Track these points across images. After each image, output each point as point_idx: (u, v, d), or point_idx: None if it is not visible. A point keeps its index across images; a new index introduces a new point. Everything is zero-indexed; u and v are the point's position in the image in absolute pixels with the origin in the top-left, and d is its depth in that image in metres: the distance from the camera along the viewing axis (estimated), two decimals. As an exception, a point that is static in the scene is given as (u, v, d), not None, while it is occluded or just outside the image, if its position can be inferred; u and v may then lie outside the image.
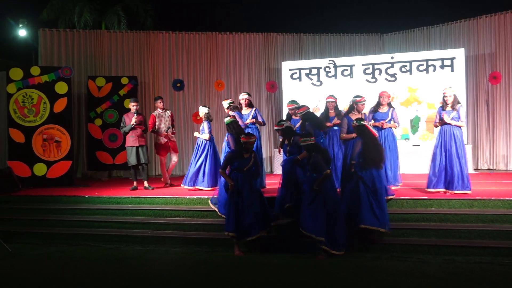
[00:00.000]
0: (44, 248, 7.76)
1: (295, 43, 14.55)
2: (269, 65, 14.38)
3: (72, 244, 7.96)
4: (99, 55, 13.69)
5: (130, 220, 8.46)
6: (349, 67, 12.92)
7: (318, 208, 6.58)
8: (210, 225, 7.99)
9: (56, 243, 8.04)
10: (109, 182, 12.03)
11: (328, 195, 6.64)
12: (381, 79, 12.69)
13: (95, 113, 12.68)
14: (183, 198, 8.72)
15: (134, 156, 9.85)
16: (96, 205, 9.00)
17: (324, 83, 13.05)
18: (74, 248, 7.78)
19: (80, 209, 8.96)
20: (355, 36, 14.75)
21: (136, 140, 9.86)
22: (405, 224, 7.33)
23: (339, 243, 6.58)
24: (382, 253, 6.80)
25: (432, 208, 7.51)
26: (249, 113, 9.62)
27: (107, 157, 12.61)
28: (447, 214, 7.34)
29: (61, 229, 8.50)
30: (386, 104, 8.87)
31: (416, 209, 7.57)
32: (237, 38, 14.35)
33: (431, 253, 6.71)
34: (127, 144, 9.95)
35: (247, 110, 9.67)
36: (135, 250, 7.52)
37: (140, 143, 9.89)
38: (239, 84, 14.26)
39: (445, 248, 6.75)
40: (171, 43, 14.08)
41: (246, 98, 9.73)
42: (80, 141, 13.40)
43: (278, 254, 6.95)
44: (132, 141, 9.88)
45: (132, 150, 9.87)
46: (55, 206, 9.18)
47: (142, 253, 7.34)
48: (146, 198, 8.91)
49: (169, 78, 14.04)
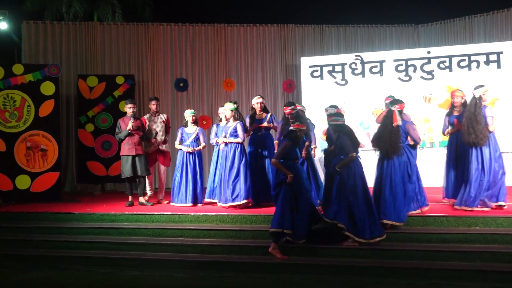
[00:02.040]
0: (27, 273, 7.72)
1: (316, 36, 14.55)
2: (286, 62, 14.39)
3: (59, 268, 7.93)
4: (91, 51, 13.75)
5: (126, 240, 8.46)
6: (378, 63, 12.91)
7: (339, 194, 7.34)
8: (218, 247, 7.96)
9: (40, 267, 8.00)
10: (102, 197, 12.06)
11: (345, 179, 7.28)
12: (416, 77, 12.64)
13: (86, 117, 12.74)
14: (187, 215, 8.76)
15: (129, 166, 9.87)
16: (87, 223, 9.03)
17: (349, 81, 13.04)
18: (61, 273, 7.73)
19: (69, 228, 8.97)
20: (385, 28, 14.73)
21: (132, 148, 9.88)
22: (445, 246, 7.27)
23: (360, 230, 7.19)
24: (418, 279, 6.73)
25: (476, 227, 7.46)
26: (264, 118, 9.74)
27: (100, 167, 12.66)
28: (494, 234, 7.27)
29: (46, 251, 8.47)
30: (461, 104, 8.84)
31: (457, 228, 7.53)
32: (249, 31, 14.39)
33: (476, 280, 6.62)
34: (122, 152, 9.99)
35: (262, 115, 9.78)
36: (131, 276, 7.46)
37: (137, 151, 9.91)
38: (251, 84, 14.30)
39: (492, 274, 6.65)
40: (173, 37, 14.14)
41: (261, 101, 9.86)
42: (69, 150, 13.46)
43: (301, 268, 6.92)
44: (127, 150, 9.91)
45: (127, 159, 9.90)
46: (40, 224, 9.21)
47: (140, 278, 7.30)
48: (144, 215, 8.95)
49: (171, 77, 14.11)
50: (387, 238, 7.36)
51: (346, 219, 7.23)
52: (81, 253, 8.30)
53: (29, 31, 13.59)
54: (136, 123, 9.96)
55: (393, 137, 7.63)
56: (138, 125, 10.03)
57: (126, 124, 9.95)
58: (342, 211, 7.27)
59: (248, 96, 14.02)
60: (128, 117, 10.03)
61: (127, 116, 10.07)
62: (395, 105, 7.80)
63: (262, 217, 8.43)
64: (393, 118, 7.67)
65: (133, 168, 9.89)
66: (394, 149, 7.61)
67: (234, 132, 9.47)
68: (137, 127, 9.99)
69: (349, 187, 7.28)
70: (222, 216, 8.63)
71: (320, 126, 11.15)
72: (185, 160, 9.98)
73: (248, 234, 8.13)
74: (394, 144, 7.61)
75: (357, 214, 7.20)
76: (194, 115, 10.25)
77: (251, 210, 8.98)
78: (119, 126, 10.05)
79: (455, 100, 8.73)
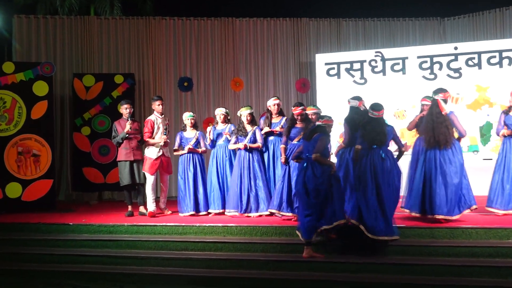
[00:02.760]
0: (18, 289, 7.78)
1: (332, 30, 14.55)
2: (300, 59, 14.41)
3: (53, 284, 7.91)
4: (87, 47, 13.80)
5: (126, 254, 8.46)
6: (401, 60, 12.92)
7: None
8: (225, 261, 7.95)
9: (33, 283, 7.98)
10: (100, 206, 12.10)
11: (352, 172, 7.88)
12: (442, 75, 12.60)
13: (82, 119, 12.80)
14: (191, 226, 8.78)
15: (128, 173, 9.88)
16: (82, 235, 9.04)
17: (369, 80, 13.05)
18: (55, 289, 7.79)
19: (63, 240, 8.99)
20: (408, 21, 14.69)
21: (130, 153, 9.89)
22: (474, 261, 7.22)
23: (369, 226, 7.37)
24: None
25: (509, 240, 7.41)
26: (279, 121, 9.87)
27: (97, 174, 12.69)
28: (530, 247, 7.23)
29: (39, 266, 8.46)
30: None
31: (488, 241, 7.48)
32: (259, 25, 14.41)
33: (508, 298, 6.60)
34: (119, 158, 10.01)
35: (278, 118, 9.92)
36: (131, 292, 7.50)
37: (135, 157, 9.92)
38: (261, 83, 14.32)
39: (527, 292, 6.63)
40: (176, 32, 14.18)
41: (279, 103, 10.00)
42: (64, 155, 13.49)
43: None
44: (125, 155, 9.91)
45: (125, 165, 9.91)
46: (32, 236, 9.24)
47: (140, 295, 7.34)
48: (145, 227, 8.97)
49: (174, 76, 14.15)
50: (411, 252, 7.35)
51: (356, 214, 7.52)
52: (77, 268, 8.27)
53: (20, 26, 13.65)
54: (134, 125, 9.97)
55: (444, 127, 8.02)
56: (136, 128, 10.03)
57: (122, 127, 9.96)
58: (352, 205, 7.65)
59: (258, 97, 14.14)
60: (124, 119, 10.04)
61: (123, 118, 10.07)
62: (439, 94, 8.27)
63: (273, 228, 8.41)
64: (439, 107, 8.16)
65: (132, 175, 9.90)
66: (446, 138, 7.99)
67: (254, 137, 9.70)
68: (136, 130, 10.00)
69: (355, 180, 7.70)
70: (230, 228, 8.63)
71: (337, 129, 11.11)
72: (185, 167, 10.11)
73: (258, 247, 8.10)
74: (447, 134, 8.01)
75: (367, 208, 7.42)
76: (193, 118, 10.34)
77: (261, 221, 8.99)
78: (115, 129, 10.07)
79: None
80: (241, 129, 9.81)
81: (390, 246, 7.49)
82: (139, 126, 10.25)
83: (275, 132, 9.79)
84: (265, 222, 8.85)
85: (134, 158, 9.90)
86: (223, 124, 10.28)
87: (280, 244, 8.03)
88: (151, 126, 10.06)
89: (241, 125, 9.86)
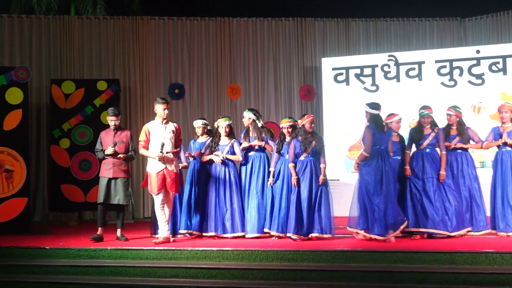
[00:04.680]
0: (-13, 322, 7.76)
1: (340, 32, 14.66)
2: (304, 63, 14.50)
3: (27, 315, 7.96)
4: (67, 50, 13.87)
5: (109, 281, 8.31)
6: (416, 64, 13.05)
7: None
8: (220, 290, 7.96)
9: (5, 314, 8.04)
10: (80, 228, 12.04)
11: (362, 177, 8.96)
12: (463, 82, 12.70)
13: (60, 131, 12.81)
14: (182, 250, 8.71)
15: (103, 191, 9.75)
16: (61, 261, 8.94)
17: (381, 87, 13.17)
18: (29, 321, 7.74)
19: (39, 265, 8.87)
20: (424, 22, 14.77)
21: (110, 169, 9.76)
22: (500, 290, 7.22)
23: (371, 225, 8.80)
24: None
25: (539, 266, 7.38)
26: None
27: (77, 192, 12.67)
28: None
29: (12, 295, 8.46)
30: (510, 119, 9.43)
31: (515, 268, 7.46)
32: (258, 26, 14.52)
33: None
34: (100, 173, 9.91)
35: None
36: (114, 325, 7.48)
37: (115, 174, 9.75)
38: (261, 91, 14.45)
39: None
40: (166, 34, 14.28)
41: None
42: (40, 171, 13.52)
43: None
44: (105, 170, 9.81)
45: (103, 182, 9.83)
46: (4, 261, 9.12)
47: (125, 328, 7.31)
48: (131, 251, 8.90)
49: (164, 82, 14.28)
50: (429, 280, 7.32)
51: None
52: (54, 297, 8.25)
53: (-8, 26, 13.68)
54: (120, 137, 9.82)
55: None
56: (123, 140, 9.89)
57: (107, 141, 9.84)
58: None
59: (258, 106, 14.15)
60: (111, 129, 9.98)
61: (111, 129, 10.02)
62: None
63: (273, 253, 8.35)
64: None
65: (107, 194, 9.76)
66: None
67: (232, 151, 10.04)
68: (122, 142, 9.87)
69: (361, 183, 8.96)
70: (226, 252, 8.55)
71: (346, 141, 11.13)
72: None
73: (257, 274, 7.96)
74: None
75: (371, 208, 8.77)
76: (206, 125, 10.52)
77: (260, 245, 8.96)
78: (101, 141, 9.94)
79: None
80: (215, 143, 10.03)
81: (407, 273, 7.45)
82: (128, 138, 10.10)
83: (254, 147, 10.01)
84: (265, 245, 8.82)
85: (114, 175, 9.76)
86: (203, 137, 10.40)
87: (282, 270, 7.93)
88: (145, 135, 9.46)
89: (216, 139, 10.04)
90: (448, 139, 9.47)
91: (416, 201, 9.16)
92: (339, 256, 8.08)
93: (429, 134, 9.32)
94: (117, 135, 9.92)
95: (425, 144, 9.32)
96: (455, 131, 9.56)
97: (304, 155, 9.26)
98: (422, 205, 9.09)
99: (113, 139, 9.82)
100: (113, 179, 9.77)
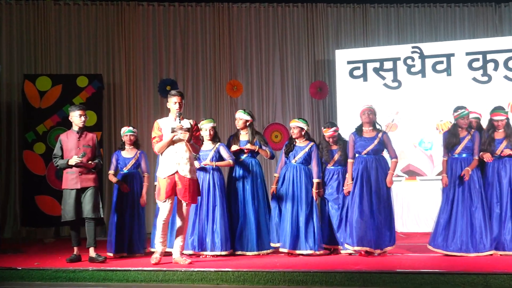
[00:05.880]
0: None
1: (356, 19, 14.61)
2: (315, 56, 14.51)
3: None
4: (43, 41, 13.79)
5: (90, 306, 8.34)
6: (445, 57, 12.97)
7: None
8: (218, 317, 7.83)
9: None
10: (57, 246, 11.96)
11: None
12: (498, 77, 12.70)
13: (34, 134, 12.75)
14: (175, 271, 8.46)
15: (72, 205, 9.33)
16: (35, 283, 8.63)
17: (404, 83, 13.18)
18: None
19: (9, 289, 8.88)
20: (454, 8, 14.66)
21: (77, 178, 9.33)
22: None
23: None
24: None
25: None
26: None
27: (53, 204, 12.43)
28: None
29: (-24, 324, 8.40)
30: None
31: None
32: (262, 13, 14.52)
33: None
34: (63, 184, 9.46)
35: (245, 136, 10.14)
36: None
37: (84, 184, 9.34)
38: (266, 87, 14.48)
39: None
40: (156, 22, 14.29)
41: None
42: (11, 179, 13.47)
43: None
44: (70, 181, 9.35)
45: (69, 195, 9.38)
46: (-32, 284, 9.08)
47: None
48: (116, 272, 8.61)
49: (154, 78, 14.23)
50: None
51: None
52: (26, 326, 8.21)
53: (-46, 14, 13.76)
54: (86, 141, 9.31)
55: None
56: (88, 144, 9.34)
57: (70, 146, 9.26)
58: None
59: (262, 105, 14.36)
60: (74, 131, 9.39)
61: (73, 130, 9.40)
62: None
63: (280, 274, 8.12)
64: None
65: (77, 207, 9.38)
66: None
67: (217, 155, 9.99)
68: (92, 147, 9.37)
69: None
70: (225, 273, 8.32)
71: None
72: (123, 198, 10.14)
73: (262, 298, 8.02)
74: None
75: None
76: (133, 133, 10.16)
77: (265, 265, 8.83)
78: (60, 146, 9.37)
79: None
80: None
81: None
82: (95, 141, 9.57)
83: (245, 150, 9.96)
84: (271, 266, 8.70)
85: (82, 185, 9.34)
86: None
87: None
88: (158, 130, 9.09)
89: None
90: (493, 144, 9.15)
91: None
92: (356, 278, 7.85)
93: (465, 137, 9.12)
94: (82, 139, 9.42)
95: (459, 149, 9.12)
96: (501, 134, 9.20)
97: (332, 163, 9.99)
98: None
99: (77, 144, 9.31)
100: (82, 190, 9.31)
